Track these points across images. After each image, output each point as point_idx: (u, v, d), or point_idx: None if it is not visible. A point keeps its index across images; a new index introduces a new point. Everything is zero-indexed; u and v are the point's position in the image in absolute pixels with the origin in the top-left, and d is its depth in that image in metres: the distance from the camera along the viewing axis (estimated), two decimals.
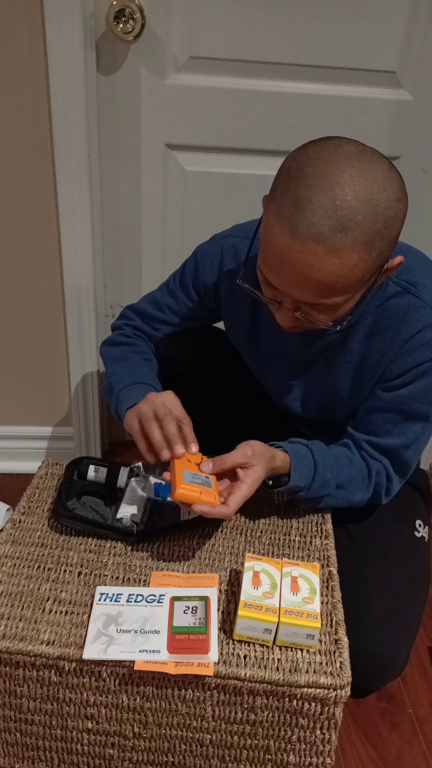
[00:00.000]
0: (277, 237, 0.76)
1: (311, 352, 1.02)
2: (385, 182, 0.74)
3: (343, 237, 0.73)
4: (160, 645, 0.80)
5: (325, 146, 0.75)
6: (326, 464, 0.97)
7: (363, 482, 1.00)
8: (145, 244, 1.41)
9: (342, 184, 0.72)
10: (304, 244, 0.74)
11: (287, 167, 0.77)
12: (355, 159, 0.74)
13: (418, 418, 0.96)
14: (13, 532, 0.98)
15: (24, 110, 1.18)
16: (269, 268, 0.81)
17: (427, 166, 1.34)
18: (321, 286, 0.78)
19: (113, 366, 1.10)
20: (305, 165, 0.75)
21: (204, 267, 1.07)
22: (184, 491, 0.85)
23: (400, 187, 0.77)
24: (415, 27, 1.20)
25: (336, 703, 0.79)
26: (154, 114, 1.26)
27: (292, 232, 0.74)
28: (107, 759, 0.89)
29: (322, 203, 0.73)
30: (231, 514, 0.87)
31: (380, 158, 0.76)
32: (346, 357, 0.99)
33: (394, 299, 0.92)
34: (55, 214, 1.28)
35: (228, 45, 1.20)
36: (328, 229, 0.73)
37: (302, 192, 0.74)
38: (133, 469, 1.06)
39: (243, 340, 1.11)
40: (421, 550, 1.10)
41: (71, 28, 1.10)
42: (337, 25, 1.18)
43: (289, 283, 0.80)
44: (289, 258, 0.76)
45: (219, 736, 0.85)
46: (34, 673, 0.82)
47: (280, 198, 0.76)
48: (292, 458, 0.95)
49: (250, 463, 0.90)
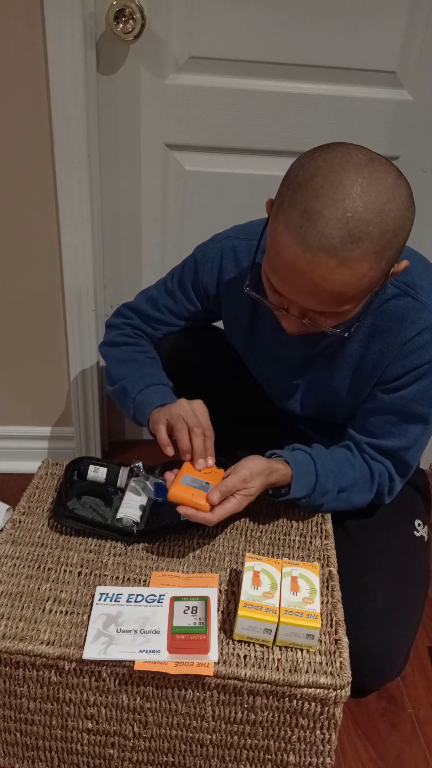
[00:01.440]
0: (288, 248, 0.76)
1: (310, 353, 1.02)
2: (395, 191, 0.74)
3: (355, 248, 0.73)
4: (160, 645, 0.80)
5: (333, 155, 0.75)
6: (327, 472, 0.97)
7: (366, 485, 1.00)
8: (145, 244, 1.41)
9: (353, 196, 0.72)
10: (316, 256, 0.74)
11: (295, 175, 0.76)
12: (365, 168, 0.73)
13: (418, 419, 0.97)
14: (13, 532, 0.98)
15: (24, 110, 1.18)
16: (278, 277, 0.81)
17: (427, 166, 1.34)
18: (331, 296, 0.78)
19: (120, 368, 1.09)
20: (314, 174, 0.74)
21: (203, 268, 1.07)
22: (177, 491, 0.89)
23: (409, 195, 0.77)
24: (415, 27, 1.20)
25: (336, 703, 0.79)
26: (154, 114, 1.26)
27: (303, 243, 0.74)
28: (107, 759, 0.89)
29: (333, 215, 0.72)
30: (213, 522, 0.89)
31: (388, 167, 0.76)
32: (345, 358, 0.99)
33: (393, 301, 0.92)
34: (55, 214, 1.28)
35: (228, 45, 1.20)
36: (340, 241, 0.73)
37: (312, 203, 0.73)
38: (133, 469, 1.06)
39: (242, 341, 1.11)
40: (420, 549, 1.10)
41: (71, 28, 1.10)
42: (337, 25, 1.18)
43: (298, 292, 0.80)
44: (300, 269, 0.76)
45: (219, 736, 0.85)
46: (34, 673, 0.82)
47: (289, 208, 0.75)
48: (294, 470, 0.95)
49: (247, 486, 0.91)
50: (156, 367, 1.10)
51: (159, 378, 1.07)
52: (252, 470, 0.91)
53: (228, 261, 1.04)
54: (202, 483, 0.91)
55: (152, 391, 1.03)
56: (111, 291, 1.46)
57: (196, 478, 0.91)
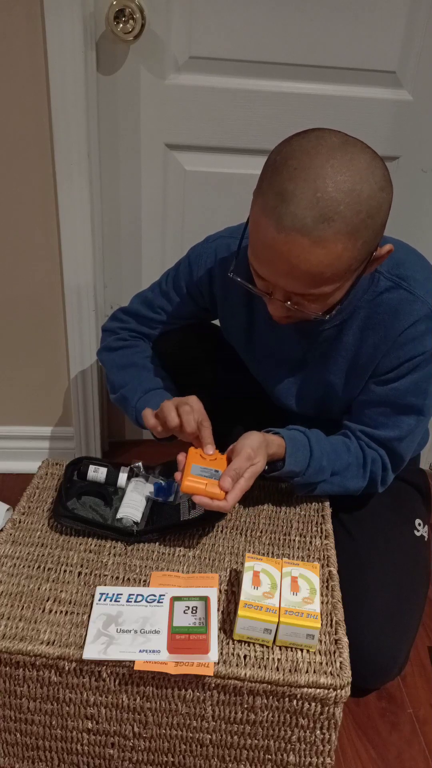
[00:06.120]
0: (264, 230, 0.78)
1: (306, 348, 1.03)
2: (368, 172, 0.75)
3: (327, 228, 0.75)
4: (160, 645, 0.80)
5: (308, 138, 0.77)
6: (322, 450, 0.98)
7: (358, 470, 1.01)
8: (145, 244, 1.41)
9: (324, 176, 0.74)
10: (289, 236, 0.76)
11: (272, 160, 0.79)
12: (337, 150, 0.75)
13: (412, 411, 0.98)
14: (13, 532, 0.98)
15: (24, 110, 1.18)
16: (258, 260, 0.82)
17: (427, 166, 1.34)
18: (308, 276, 0.79)
19: (120, 375, 1.11)
20: (289, 158, 0.76)
21: (198, 268, 1.08)
22: (190, 483, 0.88)
23: (384, 176, 0.78)
24: (415, 27, 1.20)
25: (336, 703, 0.79)
26: (154, 114, 1.26)
27: (277, 224, 0.76)
28: (107, 759, 0.89)
29: (305, 195, 0.74)
30: (229, 509, 0.89)
31: (363, 148, 0.77)
32: (340, 352, 1.00)
33: (386, 294, 0.93)
34: (55, 214, 1.28)
35: (228, 45, 1.20)
36: (312, 221, 0.74)
37: (286, 185, 0.75)
38: (133, 469, 1.06)
39: (239, 337, 1.12)
40: (420, 549, 1.10)
41: (71, 28, 1.10)
42: (337, 25, 1.18)
43: (277, 274, 0.81)
44: (276, 250, 0.78)
45: (219, 736, 0.85)
46: (34, 673, 0.82)
47: (266, 191, 0.78)
48: (288, 443, 0.96)
49: (254, 462, 0.91)
50: (154, 369, 1.11)
51: (157, 382, 1.08)
52: (252, 446, 0.92)
53: (221, 260, 1.05)
54: (212, 471, 0.91)
55: (152, 396, 1.04)
56: (111, 291, 1.46)
57: (204, 467, 0.91)
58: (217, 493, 0.88)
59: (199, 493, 0.88)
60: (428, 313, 0.91)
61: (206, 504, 0.88)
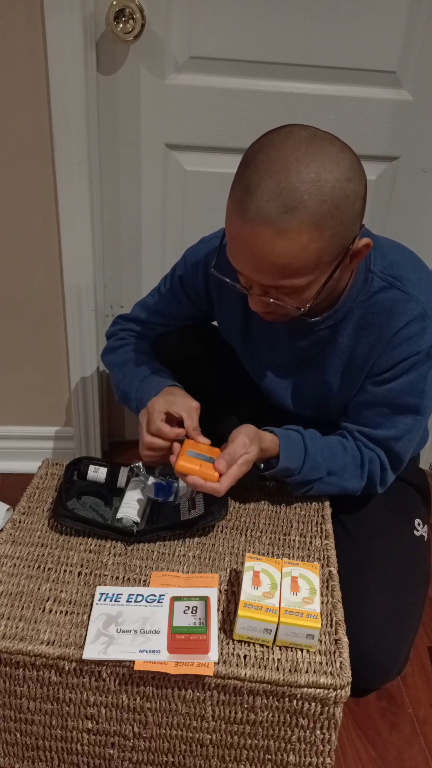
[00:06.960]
0: (232, 223, 0.79)
1: (302, 349, 1.03)
2: (333, 163, 0.75)
3: (290, 218, 0.75)
4: (160, 645, 0.80)
5: (278, 133, 0.78)
6: (317, 447, 0.99)
7: (356, 470, 1.01)
8: (145, 244, 1.41)
9: (287, 167, 0.74)
10: (254, 228, 0.76)
11: (244, 157, 0.80)
12: (303, 143, 0.76)
13: (409, 410, 0.98)
14: (13, 532, 0.98)
15: (24, 110, 1.18)
16: (231, 254, 0.83)
17: (427, 166, 1.34)
18: (276, 268, 0.79)
19: (119, 372, 1.13)
20: (257, 152, 0.77)
21: (194, 270, 1.09)
22: (184, 463, 0.90)
23: (352, 167, 0.77)
24: (415, 27, 1.20)
25: (336, 703, 0.79)
26: (154, 114, 1.26)
27: (242, 217, 0.77)
28: (107, 759, 0.89)
29: (269, 186, 0.75)
30: (222, 492, 0.90)
31: (332, 141, 0.77)
32: (336, 352, 1.00)
33: (380, 294, 0.93)
34: (55, 214, 1.28)
35: (228, 45, 1.20)
36: (275, 212, 0.75)
37: (252, 178, 0.76)
38: (133, 469, 1.06)
39: (236, 338, 1.12)
40: (420, 549, 1.10)
41: (71, 28, 1.10)
42: (337, 25, 1.18)
43: (248, 266, 0.82)
44: (243, 242, 0.79)
45: (219, 736, 0.85)
46: (34, 673, 0.82)
47: (235, 186, 0.79)
48: (282, 440, 0.97)
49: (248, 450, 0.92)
50: (148, 359, 1.13)
51: (153, 368, 1.09)
52: (247, 435, 0.93)
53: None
54: (206, 456, 0.92)
55: (148, 383, 1.06)
56: (111, 291, 1.46)
57: (199, 453, 0.92)
58: (211, 474, 0.89)
59: (192, 473, 0.89)
60: (422, 312, 0.91)
61: (200, 485, 0.89)
